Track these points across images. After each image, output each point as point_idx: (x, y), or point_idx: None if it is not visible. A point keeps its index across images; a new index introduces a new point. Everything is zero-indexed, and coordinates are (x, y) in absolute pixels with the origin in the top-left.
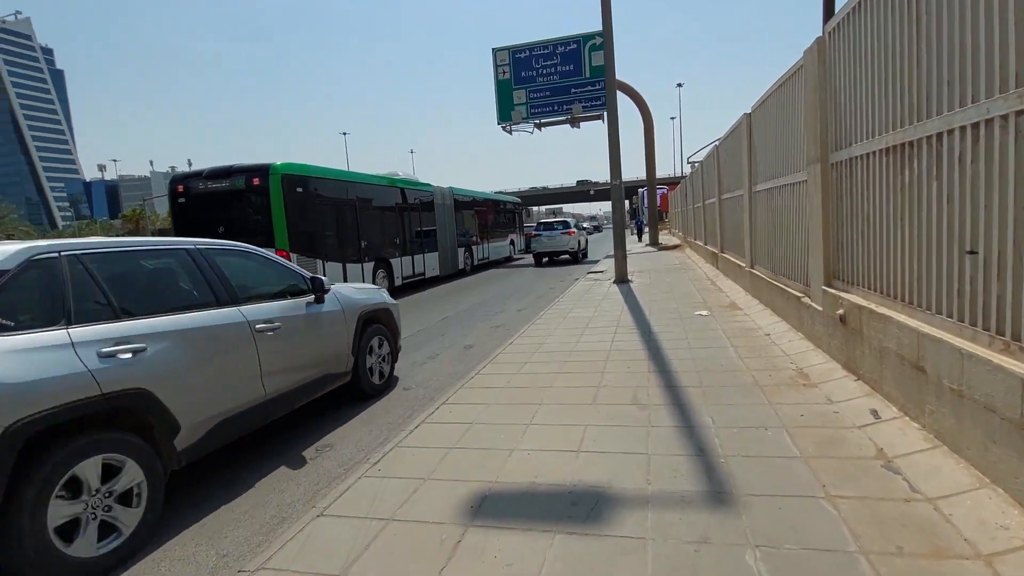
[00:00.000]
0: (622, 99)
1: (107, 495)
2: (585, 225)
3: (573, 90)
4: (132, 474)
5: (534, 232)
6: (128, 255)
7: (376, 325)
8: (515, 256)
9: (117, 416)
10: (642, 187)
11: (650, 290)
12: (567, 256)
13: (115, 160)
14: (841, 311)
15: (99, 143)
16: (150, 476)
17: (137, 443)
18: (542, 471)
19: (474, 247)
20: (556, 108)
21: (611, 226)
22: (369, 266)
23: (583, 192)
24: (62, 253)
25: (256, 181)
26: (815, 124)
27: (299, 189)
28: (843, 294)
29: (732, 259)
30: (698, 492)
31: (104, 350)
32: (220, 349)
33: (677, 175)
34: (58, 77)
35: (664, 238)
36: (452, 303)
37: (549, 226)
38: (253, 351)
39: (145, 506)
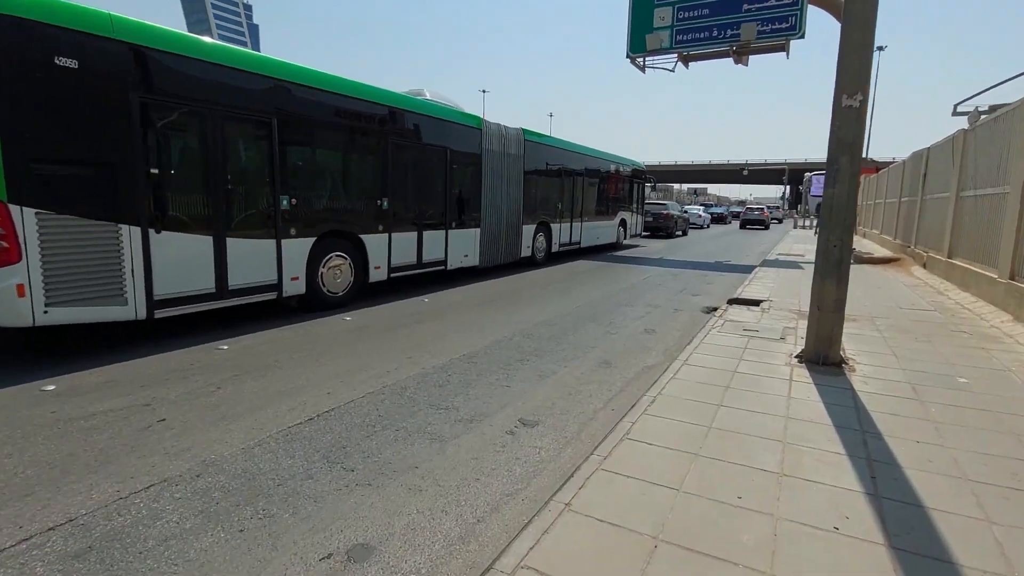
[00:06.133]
0: (822, 19)
1: None
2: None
3: (746, 6)
4: None
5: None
6: None
7: None
8: (624, 242)
9: None
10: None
11: (951, 464)
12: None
13: None
14: None
15: None
16: None
17: None
18: None
19: (555, 225)
20: (716, 33)
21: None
22: (303, 243)
23: (735, 171)
24: None
25: None
26: None
27: (62, 61)
28: None
29: None
30: None
31: None
32: None
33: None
34: (254, 32)
35: (855, 242)
36: (423, 351)
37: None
38: None
39: None
